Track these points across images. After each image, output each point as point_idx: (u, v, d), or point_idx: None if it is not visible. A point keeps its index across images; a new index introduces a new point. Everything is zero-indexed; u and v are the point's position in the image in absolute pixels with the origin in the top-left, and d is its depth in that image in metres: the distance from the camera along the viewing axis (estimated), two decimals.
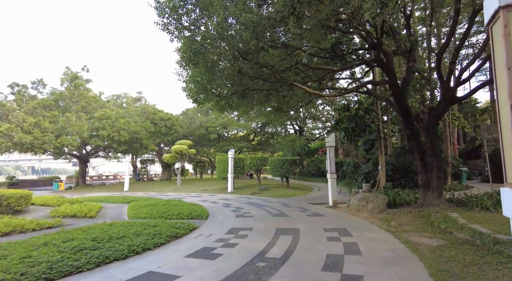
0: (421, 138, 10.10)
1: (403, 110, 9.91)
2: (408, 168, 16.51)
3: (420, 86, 14.92)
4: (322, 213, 10.46)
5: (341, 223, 8.49)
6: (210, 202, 14.82)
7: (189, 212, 10.11)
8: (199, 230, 7.91)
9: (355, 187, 19.58)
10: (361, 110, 16.29)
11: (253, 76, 8.11)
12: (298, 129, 42.96)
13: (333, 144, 12.82)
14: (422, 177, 10.06)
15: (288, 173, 21.87)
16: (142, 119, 29.06)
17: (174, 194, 20.28)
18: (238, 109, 14.24)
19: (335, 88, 11.93)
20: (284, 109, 14.35)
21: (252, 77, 8.08)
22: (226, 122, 31.47)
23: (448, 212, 8.70)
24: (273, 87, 8.32)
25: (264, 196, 17.29)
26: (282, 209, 11.75)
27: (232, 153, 20.58)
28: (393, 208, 10.92)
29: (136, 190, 24.60)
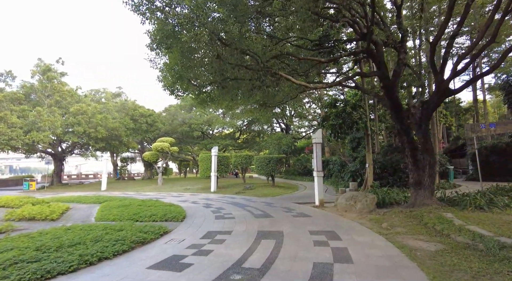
0: (412, 134, 9.56)
1: (394, 104, 9.34)
2: (396, 166, 16.11)
3: (411, 80, 14.54)
4: (308, 214, 9.79)
5: (328, 225, 7.82)
6: (191, 202, 13.93)
7: (164, 213, 9.22)
8: (172, 234, 7.05)
9: (341, 186, 19.09)
10: (348, 106, 15.76)
11: (234, 64, 7.31)
12: (285, 128, 42.45)
13: (320, 140, 12.19)
14: (413, 175, 9.52)
15: (273, 171, 21.19)
16: (122, 115, 27.67)
17: (153, 194, 19.23)
18: (220, 103, 13.40)
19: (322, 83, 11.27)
20: (270, 104, 13.61)
21: (233, 64, 7.29)
22: (211, 119, 30.46)
23: (441, 212, 8.18)
24: (256, 76, 7.56)
25: (248, 196, 16.53)
26: (266, 209, 11.01)
27: (215, 151, 19.71)
28: (383, 207, 10.36)
29: (115, 189, 23.34)
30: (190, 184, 25.16)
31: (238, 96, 13.05)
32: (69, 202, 13.07)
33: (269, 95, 12.78)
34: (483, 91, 27.86)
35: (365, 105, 15.70)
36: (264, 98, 13.32)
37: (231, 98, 13.18)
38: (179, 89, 10.80)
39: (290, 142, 32.05)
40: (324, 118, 17.39)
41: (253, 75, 7.80)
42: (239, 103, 14.01)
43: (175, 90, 10.50)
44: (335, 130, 16.35)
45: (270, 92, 8.40)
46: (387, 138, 22.01)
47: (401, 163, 16.11)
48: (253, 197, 15.56)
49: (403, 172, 15.91)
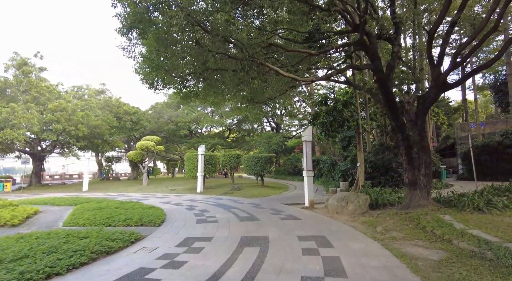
0: (408, 131, 9.02)
1: (388, 98, 8.79)
2: (388, 166, 15.65)
3: (403, 77, 14.08)
4: (297, 216, 9.15)
5: (319, 229, 7.19)
6: (174, 203, 13.14)
7: (140, 217, 8.44)
8: (144, 242, 6.29)
9: (332, 186, 18.58)
10: (339, 103, 15.21)
11: (215, 51, 6.60)
12: (275, 127, 41.89)
13: (310, 138, 11.58)
14: (408, 175, 8.99)
15: (262, 171, 20.52)
16: (105, 113, 26.49)
17: (136, 195, 18.32)
18: (205, 99, 12.68)
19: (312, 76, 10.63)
20: (258, 100, 12.94)
21: (213, 52, 6.58)
22: (198, 117, 29.55)
23: (439, 213, 7.65)
24: (240, 66, 6.86)
25: (235, 196, 15.82)
26: (252, 211, 10.33)
27: (202, 150, 18.91)
28: (376, 209, 9.82)
29: (97, 190, 22.28)
30: (177, 185, 24.27)
31: (223, 91, 12.36)
32: (41, 205, 12.12)
33: (256, 90, 12.14)
34: (474, 89, 27.83)
35: (357, 102, 15.19)
36: (251, 94, 12.66)
37: (216, 93, 12.49)
38: (160, 82, 10.02)
39: (280, 141, 31.47)
40: (314, 116, 16.81)
41: (237, 65, 7.09)
42: (226, 98, 13.30)
43: (154, 83, 9.70)
44: (326, 128, 15.79)
45: (256, 84, 7.71)
46: (378, 137, 21.62)
47: (393, 162, 15.68)
48: (240, 198, 14.86)
49: (395, 171, 15.48)
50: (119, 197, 16.59)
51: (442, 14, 6.81)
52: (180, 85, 11.50)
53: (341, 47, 9.82)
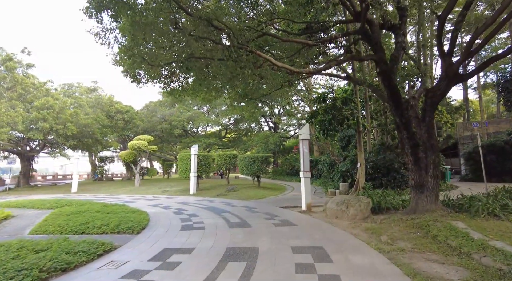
0: (413, 128, 8.22)
1: (392, 92, 7.99)
2: (390, 166, 14.87)
3: (405, 74, 13.29)
4: (293, 221, 8.34)
5: (316, 238, 6.38)
6: (162, 206, 12.32)
7: (118, 223, 7.61)
8: (114, 254, 5.46)
9: (331, 187, 17.78)
10: (338, 100, 14.41)
11: (197, 36, 5.79)
12: (273, 126, 41.10)
13: (307, 137, 10.78)
14: (414, 176, 8.19)
15: (258, 172, 19.71)
16: (96, 111, 25.58)
17: (126, 197, 17.47)
18: (195, 94, 11.86)
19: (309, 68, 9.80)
20: (252, 96, 12.12)
21: (196, 36, 5.76)
22: (193, 115, 28.67)
23: (450, 220, 6.86)
24: (228, 53, 6.05)
25: (229, 198, 15.00)
26: (245, 216, 9.51)
27: (195, 149, 18.08)
28: (379, 213, 9.02)
29: (87, 191, 21.41)
30: (170, 186, 23.44)
31: (215, 86, 11.56)
32: (18, 208, 11.30)
33: (250, 85, 11.34)
34: (479, 87, 27.10)
35: (357, 99, 14.39)
36: (245, 90, 11.86)
37: (207, 88, 11.69)
38: (143, 74, 9.19)
39: (278, 141, 30.65)
40: (312, 114, 16.00)
41: (223, 52, 6.27)
42: (218, 95, 12.49)
43: (136, 76, 8.87)
44: (324, 127, 14.98)
45: (247, 74, 6.88)
46: (378, 137, 20.84)
47: (395, 163, 14.90)
48: (234, 200, 14.05)
49: (397, 172, 14.70)
50: (106, 199, 15.77)
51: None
52: (167, 79, 10.72)
53: (341, 37, 9.00)
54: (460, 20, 6.58)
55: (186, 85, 11.36)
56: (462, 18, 6.16)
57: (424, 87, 7.95)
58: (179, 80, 11.01)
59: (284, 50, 11.01)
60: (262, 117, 42.07)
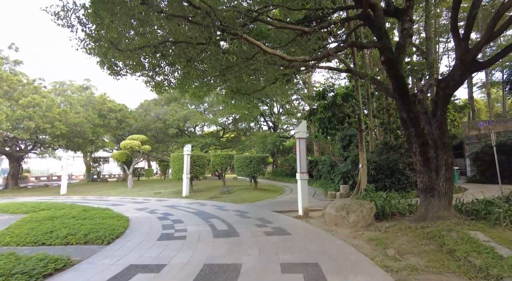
0: (422, 125, 7.30)
1: (398, 84, 7.08)
2: (394, 167, 13.94)
3: (410, 68, 12.37)
4: (287, 229, 7.43)
5: (311, 251, 5.47)
6: (148, 210, 11.43)
7: (88, 231, 6.71)
8: (67, 273, 4.55)
9: (331, 189, 16.86)
10: (339, 96, 13.51)
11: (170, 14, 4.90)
12: (272, 126, 40.21)
13: (304, 135, 9.86)
14: (424, 179, 7.27)
15: (255, 173, 18.78)
16: (88, 110, 24.68)
17: (115, 199, 16.59)
18: (183, 88, 10.99)
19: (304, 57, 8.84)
20: (245, 91, 11.24)
21: (168, 14, 4.88)
22: (188, 114, 27.75)
23: (466, 229, 5.95)
24: (207, 34, 5.16)
25: (223, 201, 14.10)
26: (234, 222, 8.61)
27: (188, 149, 17.19)
28: (383, 220, 8.11)
29: (77, 193, 20.55)
30: (164, 187, 22.55)
31: (205, 80, 10.70)
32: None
33: (244, 80, 10.47)
34: (487, 83, 26.13)
35: (358, 95, 13.48)
36: (238, 84, 10.98)
37: (197, 83, 10.83)
38: (122, 65, 8.30)
39: (277, 141, 29.73)
40: (311, 112, 15.11)
41: (202, 34, 5.37)
42: (208, 90, 11.61)
43: (113, 66, 7.98)
44: (324, 125, 14.09)
45: (231, 61, 5.98)
46: (381, 136, 19.92)
47: (399, 163, 13.97)
48: (227, 204, 13.14)
49: (402, 173, 13.77)
50: (94, 202, 14.94)
51: None
52: (151, 72, 9.85)
53: (341, 23, 8.10)
54: (478, 2, 5.67)
55: (173, 79, 10.51)
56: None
57: (435, 78, 7.02)
58: (164, 73, 10.14)
59: (280, 42, 10.14)
60: (261, 117, 41.24)
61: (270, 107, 38.63)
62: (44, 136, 20.01)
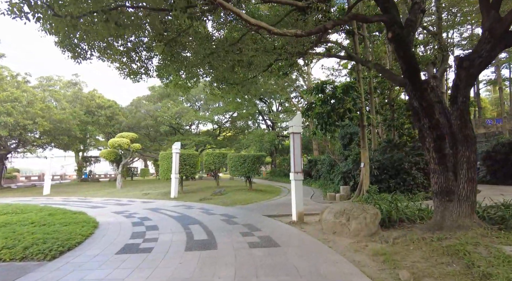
0: (437, 115, 6.11)
1: (408, 65, 5.90)
2: (399, 166, 12.75)
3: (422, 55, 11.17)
4: (276, 239, 6.25)
5: (301, 271, 4.29)
6: (126, 214, 10.28)
7: (32, 243, 5.53)
8: None
9: (331, 190, 15.69)
10: (339, 89, 12.32)
11: None
12: (271, 125, 39.03)
13: (299, 130, 8.67)
14: (439, 179, 6.09)
15: (250, 172, 17.59)
16: (76, 106, 23.48)
17: (99, 201, 15.45)
18: (162, 77, 9.84)
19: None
20: (233, 80, 10.06)
21: None
22: (180, 111, 26.50)
23: (496, 242, 4.77)
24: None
25: (212, 204, 12.93)
26: (217, 229, 7.43)
27: (177, 148, 16.02)
28: (390, 227, 6.92)
29: (61, 194, 19.40)
30: (155, 187, 21.39)
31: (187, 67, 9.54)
32: None
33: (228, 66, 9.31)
34: (499, 77, 24.96)
35: (360, 87, 12.30)
36: (224, 72, 9.80)
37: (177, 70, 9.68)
38: (86, 48, 7.14)
39: (274, 139, 28.51)
40: (308, 106, 13.92)
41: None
42: (191, 79, 10.44)
43: (75, 48, 6.82)
44: (322, 121, 12.88)
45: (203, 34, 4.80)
46: (383, 134, 18.73)
47: (405, 163, 12.77)
48: (216, 206, 11.98)
49: (407, 173, 12.57)
50: (74, 204, 13.91)
51: None
52: (126, 57, 8.70)
53: None
54: None
55: (150, 67, 9.35)
56: None
57: (457, 57, 5.83)
58: (141, 59, 8.98)
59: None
60: (259, 115, 40.08)
61: (268, 105, 37.48)
62: (24, 133, 18.74)
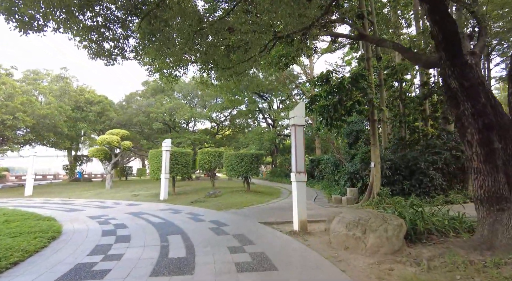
0: (483, 98, 4.70)
1: (445, 33, 4.49)
2: (414, 166, 11.33)
3: None
4: (273, 259, 4.84)
5: None
6: (101, 220, 8.91)
7: None
8: None
9: (336, 193, 14.26)
10: (346, 78, 10.90)
11: None
12: (272, 123, 37.63)
13: (301, 121, 7.26)
14: (485, 182, 4.67)
15: (247, 173, 16.17)
16: (64, 101, 22.09)
17: (80, 203, 14.10)
18: (141, 60, 8.47)
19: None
20: (224, 65, 8.65)
21: None
22: (175, 107, 25.02)
23: None
24: None
25: (204, 207, 11.54)
26: (200, 242, 6.03)
27: (167, 145, 14.64)
28: (416, 241, 5.51)
29: (44, 194, 18.04)
30: (147, 188, 20.03)
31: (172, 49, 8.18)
32: None
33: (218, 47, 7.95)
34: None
35: (370, 76, 10.89)
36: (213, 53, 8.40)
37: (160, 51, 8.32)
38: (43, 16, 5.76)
39: (274, 138, 27.07)
40: (311, 99, 12.48)
41: None
42: (177, 63, 9.06)
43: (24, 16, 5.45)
44: (328, 115, 11.43)
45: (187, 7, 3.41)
46: (393, 131, 17.29)
47: (421, 162, 11.34)
48: (207, 211, 10.58)
49: (424, 174, 11.12)
50: (52, 206, 12.75)
51: None
52: (96, 34, 7.35)
53: None
54: None
55: (127, 47, 7.97)
56: None
57: None
58: (115, 37, 7.59)
59: None
60: (259, 114, 38.68)
61: (269, 102, 36.10)
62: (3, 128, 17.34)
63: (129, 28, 7.77)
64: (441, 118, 14.48)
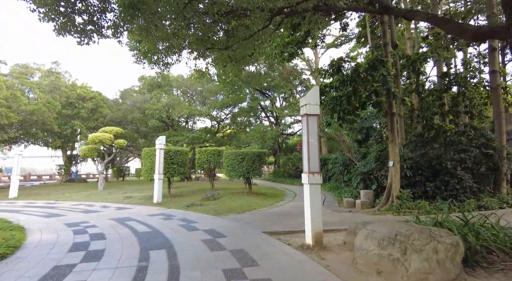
0: None
1: None
2: (438, 166, 9.96)
3: None
4: None
5: None
6: (78, 229, 7.63)
7: None
8: None
9: (347, 195, 12.88)
10: (362, 65, 9.55)
11: None
12: (274, 122, 36.30)
13: (315, 109, 5.90)
14: None
15: (249, 173, 14.80)
16: (54, 97, 20.78)
17: (66, 206, 12.86)
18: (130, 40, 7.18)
19: None
20: (218, 45, 7.33)
21: None
22: (171, 103, 23.60)
23: None
24: None
25: (200, 212, 10.24)
26: (189, 262, 4.72)
27: (161, 143, 13.37)
28: (474, 265, 4.16)
29: (30, 196, 16.81)
30: (141, 190, 18.76)
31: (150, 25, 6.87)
32: None
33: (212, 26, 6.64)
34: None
35: (388, 63, 9.54)
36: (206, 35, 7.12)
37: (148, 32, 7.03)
38: None
39: (278, 137, 25.71)
40: (321, 91, 11.10)
41: None
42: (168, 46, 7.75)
43: None
44: (340, 108, 10.01)
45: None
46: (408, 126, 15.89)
47: (446, 161, 9.96)
48: (203, 217, 9.28)
49: (450, 175, 9.73)
50: (33, 209, 11.69)
51: None
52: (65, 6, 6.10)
53: None
54: None
55: (105, 23, 6.66)
56: None
57: None
58: (89, 10, 6.29)
59: None
60: (262, 112, 37.37)
61: (272, 99, 34.78)
62: None
63: (107, 1, 6.48)
64: (464, 112, 13.10)
